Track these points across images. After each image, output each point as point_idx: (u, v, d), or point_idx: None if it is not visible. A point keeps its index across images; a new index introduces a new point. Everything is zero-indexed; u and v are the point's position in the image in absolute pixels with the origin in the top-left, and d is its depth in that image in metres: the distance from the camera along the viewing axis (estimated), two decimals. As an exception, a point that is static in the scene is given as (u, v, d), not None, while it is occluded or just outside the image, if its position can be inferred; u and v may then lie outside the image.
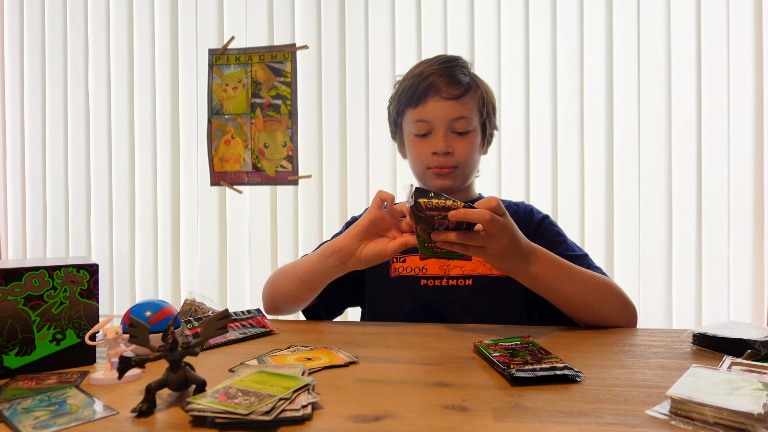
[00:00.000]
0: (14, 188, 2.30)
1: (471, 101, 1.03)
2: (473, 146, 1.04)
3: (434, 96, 1.01)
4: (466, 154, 1.03)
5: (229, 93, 2.01)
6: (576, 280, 0.86)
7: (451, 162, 1.03)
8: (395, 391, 0.58)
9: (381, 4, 1.97)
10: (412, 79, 1.04)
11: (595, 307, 0.88)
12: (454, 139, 1.03)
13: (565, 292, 0.86)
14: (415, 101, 1.03)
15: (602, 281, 0.90)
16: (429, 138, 1.04)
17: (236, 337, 0.82)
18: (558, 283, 0.85)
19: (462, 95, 1.01)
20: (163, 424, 0.50)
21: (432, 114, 1.02)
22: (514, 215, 1.08)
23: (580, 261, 1.00)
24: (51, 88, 2.24)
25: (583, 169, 1.86)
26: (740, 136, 1.76)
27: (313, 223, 2.04)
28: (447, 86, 1.01)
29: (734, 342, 0.69)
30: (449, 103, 1.01)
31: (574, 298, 0.87)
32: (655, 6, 1.80)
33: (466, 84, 1.02)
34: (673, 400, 0.50)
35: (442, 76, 1.01)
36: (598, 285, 0.88)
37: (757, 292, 1.76)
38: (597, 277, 0.90)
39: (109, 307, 2.20)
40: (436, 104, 1.01)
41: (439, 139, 1.01)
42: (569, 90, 1.86)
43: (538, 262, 0.83)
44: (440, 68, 1.03)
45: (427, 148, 1.03)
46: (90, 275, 0.69)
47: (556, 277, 0.85)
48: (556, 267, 0.85)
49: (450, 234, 0.75)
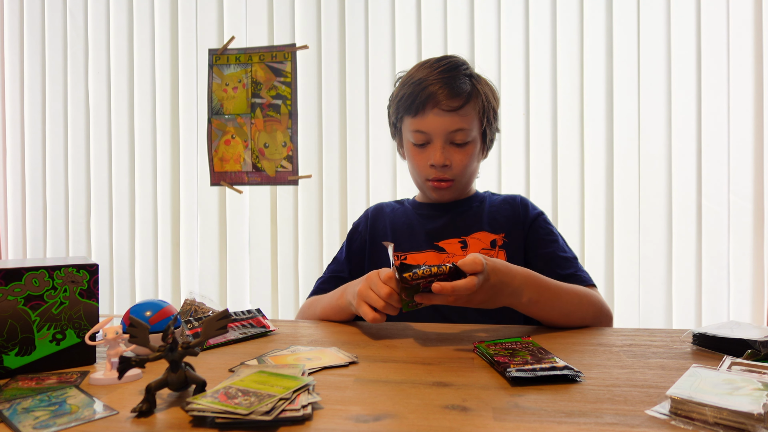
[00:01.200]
0: (14, 188, 2.30)
1: (471, 112, 1.02)
2: (471, 157, 1.04)
3: (433, 108, 1.00)
4: (463, 165, 1.03)
5: (229, 93, 2.01)
6: (564, 300, 0.88)
7: (449, 174, 1.03)
8: (395, 391, 0.58)
9: (381, 4, 1.97)
10: (412, 86, 1.02)
11: (576, 319, 0.90)
12: (452, 151, 1.02)
13: (554, 313, 0.88)
14: (413, 111, 1.02)
15: (584, 296, 0.92)
16: (427, 149, 1.03)
17: (236, 337, 0.82)
18: (549, 307, 0.87)
19: (461, 107, 1.00)
20: (163, 424, 0.50)
21: (430, 126, 1.01)
22: (510, 208, 1.09)
23: (569, 263, 1.02)
24: (51, 88, 2.24)
25: (583, 168, 1.86)
26: (740, 136, 1.76)
27: (313, 223, 2.04)
28: (447, 99, 0.99)
29: (734, 342, 0.69)
30: (448, 116, 1.00)
31: (560, 317, 0.89)
32: (655, 6, 1.80)
33: (466, 94, 1.01)
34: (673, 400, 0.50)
35: (442, 88, 0.99)
36: (581, 301, 0.91)
37: (757, 292, 1.76)
38: (580, 292, 0.92)
39: (109, 307, 2.20)
40: (435, 117, 1.00)
41: (437, 152, 1.01)
42: (569, 90, 1.86)
43: (530, 290, 0.84)
44: (440, 78, 1.00)
45: (424, 159, 1.04)
46: (90, 275, 0.69)
47: (547, 300, 0.87)
48: (547, 290, 0.87)
49: (435, 297, 0.75)
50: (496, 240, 1.05)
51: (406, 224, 1.11)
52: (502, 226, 1.07)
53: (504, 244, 1.05)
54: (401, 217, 1.13)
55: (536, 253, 1.04)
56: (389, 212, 1.15)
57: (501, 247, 1.04)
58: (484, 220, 1.08)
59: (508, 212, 1.09)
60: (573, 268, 1.01)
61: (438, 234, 1.07)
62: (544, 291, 0.86)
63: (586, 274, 1.01)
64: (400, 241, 1.09)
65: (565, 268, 1.00)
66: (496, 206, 1.11)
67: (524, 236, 1.06)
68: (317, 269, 2.02)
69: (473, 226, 1.07)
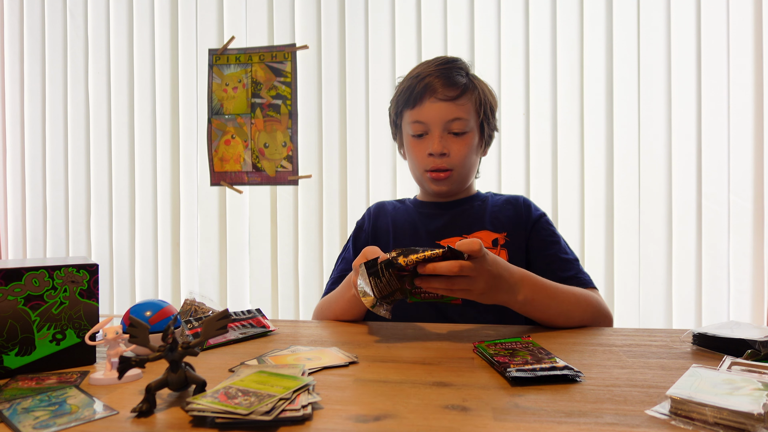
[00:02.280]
0: (14, 188, 2.30)
1: (468, 102, 1.03)
2: (469, 148, 1.05)
3: (430, 97, 1.02)
4: (462, 155, 1.04)
5: (229, 93, 2.01)
6: (560, 301, 0.88)
7: (447, 163, 1.04)
8: (395, 391, 0.58)
9: (381, 4, 1.97)
10: (410, 80, 1.05)
11: (574, 320, 0.90)
12: (450, 140, 1.03)
13: (550, 313, 0.88)
14: (411, 102, 1.04)
15: (583, 298, 0.91)
16: (425, 139, 1.05)
17: (236, 337, 0.82)
18: (544, 306, 0.87)
19: (458, 96, 1.02)
20: (163, 424, 0.50)
21: (428, 115, 1.02)
22: (512, 208, 1.09)
23: (570, 265, 1.02)
24: (51, 88, 2.24)
25: (583, 168, 1.86)
26: (740, 136, 1.76)
27: (313, 223, 2.04)
28: (443, 87, 1.01)
29: (734, 342, 0.69)
30: (445, 104, 1.01)
31: (557, 317, 0.88)
32: (655, 6, 1.80)
33: (462, 85, 1.03)
34: (673, 400, 0.50)
35: (438, 78, 1.02)
36: (579, 302, 0.90)
37: (757, 292, 1.76)
38: (578, 293, 0.91)
39: (109, 307, 2.20)
40: (431, 105, 1.02)
41: (435, 140, 1.02)
42: (569, 90, 1.86)
43: (526, 289, 0.84)
44: (437, 70, 1.03)
45: (423, 150, 1.05)
46: (90, 275, 0.69)
47: (543, 300, 0.86)
48: (543, 290, 0.87)
49: (433, 281, 0.75)
50: (498, 239, 1.05)
51: (407, 223, 1.12)
52: (504, 226, 1.07)
53: (506, 243, 1.05)
54: (403, 216, 1.13)
55: (538, 254, 1.04)
56: (391, 210, 1.16)
57: (503, 246, 1.04)
58: (486, 219, 1.08)
59: (511, 212, 1.09)
60: (574, 270, 1.01)
61: (440, 232, 1.07)
62: (541, 290, 0.86)
63: (588, 276, 1.01)
64: (402, 240, 1.09)
65: (566, 271, 1.00)
66: (498, 206, 1.11)
67: (526, 237, 1.06)
68: (317, 269, 2.02)
69: (475, 225, 1.07)
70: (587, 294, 0.93)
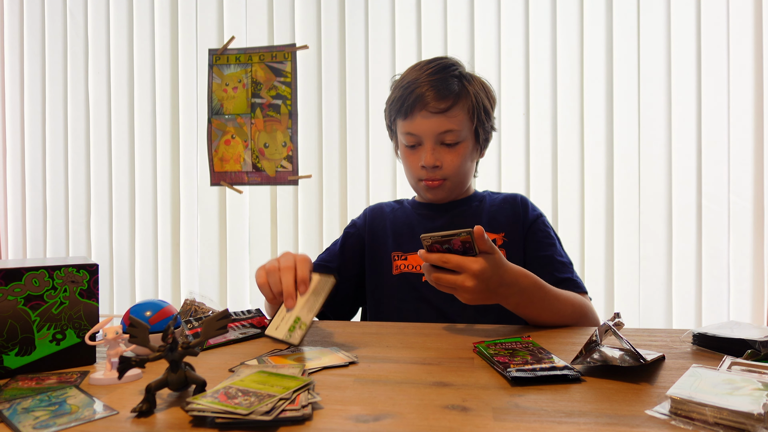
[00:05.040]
0: (14, 188, 2.30)
1: (460, 112, 1.02)
2: (462, 157, 1.04)
3: (421, 110, 1.00)
4: (455, 165, 1.03)
5: (229, 93, 2.01)
6: (552, 302, 0.88)
7: (440, 175, 1.03)
8: (395, 391, 0.58)
9: (381, 4, 1.97)
10: (402, 89, 1.03)
11: (564, 322, 0.90)
12: (443, 152, 1.03)
13: (542, 314, 0.88)
14: (403, 114, 1.03)
15: (576, 303, 0.92)
16: (418, 150, 1.04)
17: (236, 337, 0.82)
18: (538, 307, 0.87)
19: (449, 108, 1.00)
20: (163, 424, 0.50)
21: (419, 128, 1.02)
22: (510, 207, 1.09)
23: (566, 267, 1.02)
24: (51, 88, 2.24)
25: (583, 168, 1.86)
26: (740, 136, 1.76)
27: (313, 223, 2.04)
28: (434, 100, 0.99)
29: (734, 342, 0.69)
30: (436, 117, 1.00)
31: (549, 318, 0.88)
32: (655, 6, 1.80)
33: (454, 95, 1.01)
34: (673, 400, 0.50)
35: (429, 89, 1.00)
36: (573, 306, 0.91)
37: (757, 292, 1.76)
38: (571, 298, 0.92)
39: (109, 307, 2.20)
40: (423, 120, 1.01)
41: (427, 153, 1.01)
42: (569, 90, 1.86)
43: (521, 287, 0.84)
44: (428, 80, 1.01)
45: (416, 160, 1.04)
46: (90, 275, 0.69)
47: (536, 301, 0.86)
48: (537, 291, 0.86)
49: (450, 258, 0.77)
50: (496, 239, 1.05)
51: (406, 224, 1.12)
52: (501, 226, 1.07)
53: (504, 243, 1.05)
54: (401, 218, 1.13)
55: (534, 255, 1.04)
56: (389, 212, 1.16)
57: (501, 246, 1.04)
58: (483, 219, 1.08)
59: (508, 211, 1.09)
60: (569, 273, 1.02)
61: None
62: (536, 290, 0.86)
63: (581, 281, 1.02)
64: (401, 241, 1.09)
65: (561, 272, 1.01)
66: (495, 205, 1.11)
67: (523, 236, 1.06)
68: (317, 269, 2.02)
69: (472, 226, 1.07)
70: (579, 299, 0.94)
